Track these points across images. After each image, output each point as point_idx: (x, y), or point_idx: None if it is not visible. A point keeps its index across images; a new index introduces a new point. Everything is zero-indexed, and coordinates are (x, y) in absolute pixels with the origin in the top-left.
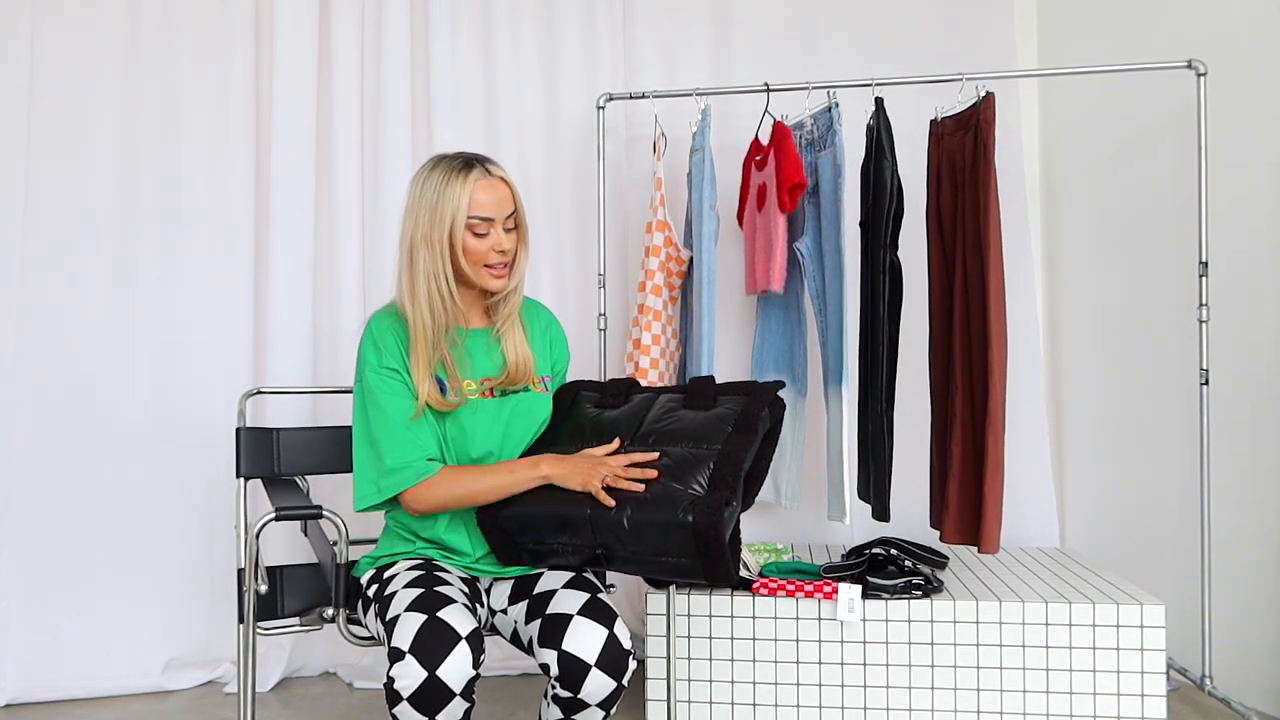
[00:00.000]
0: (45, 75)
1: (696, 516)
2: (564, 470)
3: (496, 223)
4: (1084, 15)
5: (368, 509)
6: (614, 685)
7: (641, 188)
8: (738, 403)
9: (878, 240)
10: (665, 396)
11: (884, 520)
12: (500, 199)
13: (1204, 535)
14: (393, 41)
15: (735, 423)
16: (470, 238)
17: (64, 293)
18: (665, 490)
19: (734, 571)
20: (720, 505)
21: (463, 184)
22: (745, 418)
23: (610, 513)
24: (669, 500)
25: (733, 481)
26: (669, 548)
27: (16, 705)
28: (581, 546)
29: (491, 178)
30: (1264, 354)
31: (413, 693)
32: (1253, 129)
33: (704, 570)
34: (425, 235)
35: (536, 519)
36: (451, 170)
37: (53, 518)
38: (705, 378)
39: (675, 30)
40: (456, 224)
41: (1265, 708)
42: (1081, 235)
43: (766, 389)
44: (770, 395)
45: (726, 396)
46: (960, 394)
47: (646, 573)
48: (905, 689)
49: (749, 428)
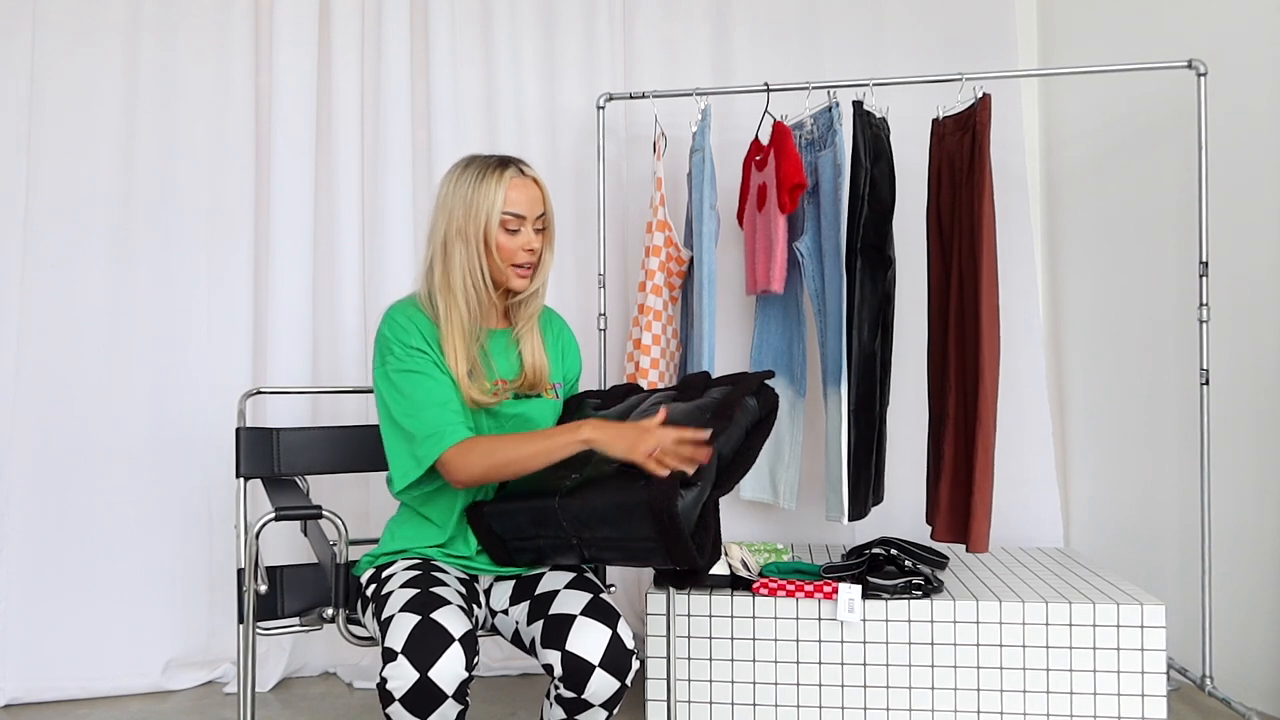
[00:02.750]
0: (45, 76)
1: (651, 493)
2: (608, 435)
3: (528, 221)
4: (1084, 15)
5: (408, 488)
6: (617, 685)
7: (641, 188)
8: (722, 391)
9: (851, 244)
10: (659, 393)
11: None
12: (532, 198)
13: (1204, 535)
14: (392, 41)
15: (713, 410)
16: (503, 234)
17: (64, 293)
18: (630, 474)
19: (696, 555)
20: (676, 480)
21: (498, 180)
22: (723, 405)
23: (574, 501)
24: (631, 480)
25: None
26: (634, 530)
27: (16, 705)
28: (557, 539)
29: (525, 177)
30: (1264, 354)
31: (405, 693)
32: (1253, 129)
33: (667, 553)
34: (460, 229)
35: (515, 514)
36: (487, 167)
37: (52, 518)
38: (700, 373)
39: (675, 30)
40: (491, 219)
41: (1265, 708)
42: (1081, 235)
43: (752, 377)
44: (755, 383)
45: (716, 387)
46: (954, 394)
47: (624, 559)
48: (905, 689)
49: (725, 414)
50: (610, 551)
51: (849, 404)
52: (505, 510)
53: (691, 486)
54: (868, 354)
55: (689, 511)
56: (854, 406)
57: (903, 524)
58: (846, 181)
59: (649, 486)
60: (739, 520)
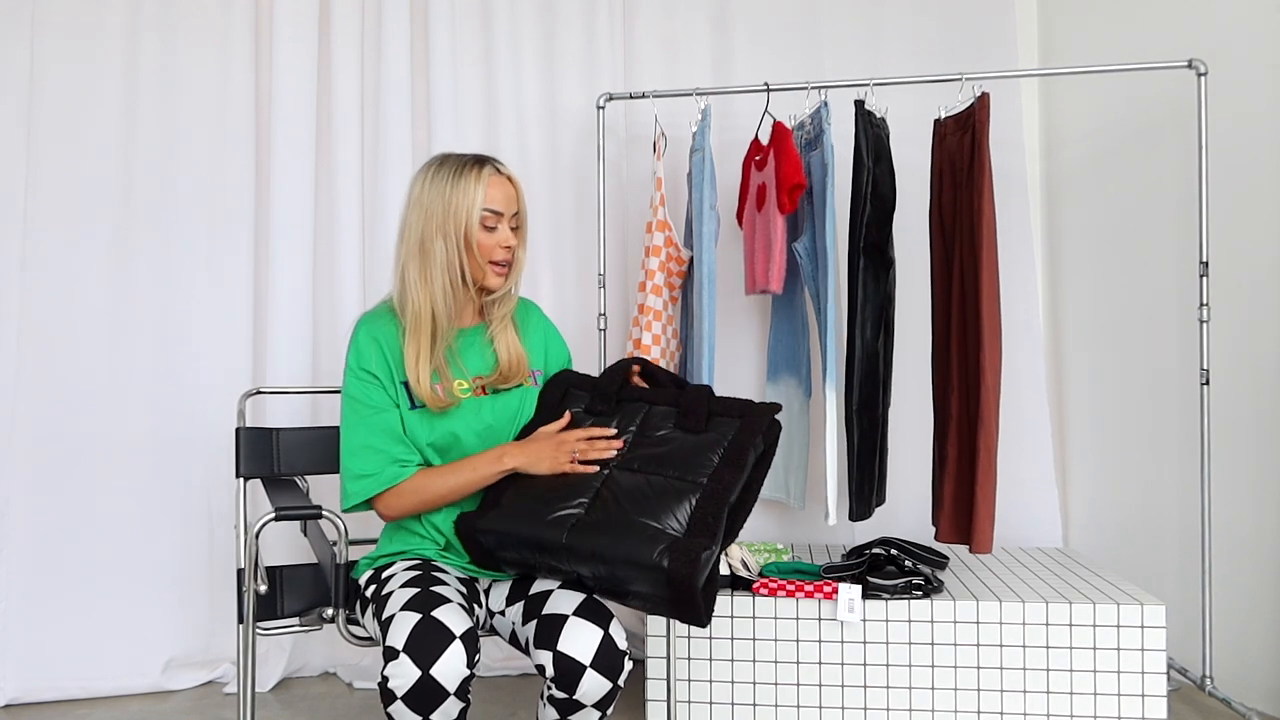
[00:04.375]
0: (45, 76)
1: (672, 562)
2: (529, 458)
3: (504, 219)
4: (1084, 15)
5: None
6: (609, 686)
7: (641, 188)
8: (730, 427)
9: (854, 244)
10: (656, 410)
11: (862, 519)
12: (509, 196)
13: (1204, 535)
14: (392, 41)
15: (724, 454)
16: (482, 231)
17: (64, 293)
18: (644, 526)
19: (705, 615)
20: (698, 552)
21: (477, 178)
22: (735, 449)
23: (584, 541)
24: (647, 539)
25: (714, 524)
26: (642, 585)
27: (16, 705)
28: (554, 568)
29: (501, 175)
30: (1264, 354)
31: (407, 691)
32: (1253, 129)
33: (673, 610)
34: (439, 227)
35: (511, 537)
36: (464, 165)
37: (52, 518)
38: (701, 389)
39: (675, 30)
40: (472, 216)
41: (1265, 708)
42: (1082, 235)
43: (761, 413)
44: (765, 421)
45: (721, 419)
46: (957, 394)
47: (617, 600)
48: (905, 689)
49: (738, 461)
50: (609, 593)
51: (837, 406)
52: (500, 531)
53: (708, 550)
54: (870, 354)
55: (704, 575)
56: (857, 407)
57: (905, 524)
58: (833, 181)
59: (671, 553)
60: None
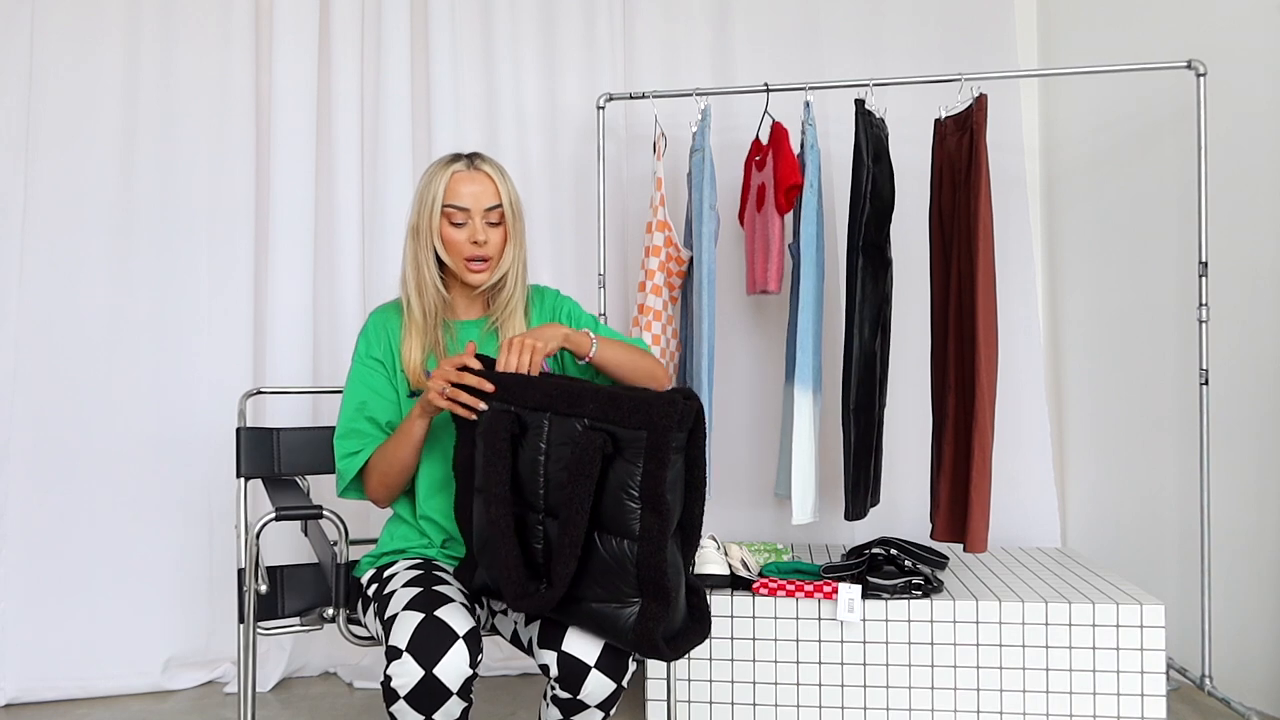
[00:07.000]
0: (45, 76)
1: (635, 640)
2: (422, 403)
3: (474, 214)
4: (1084, 15)
5: (344, 494)
6: (613, 686)
7: (641, 188)
8: (634, 454)
9: (853, 243)
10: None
11: (857, 519)
12: (479, 191)
13: (1204, 535)
14: (393, 41)
15: (641, 495)
16: (447, 226)
17: (64, 293)
18: (602, 612)
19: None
20: (655, 626)
21: (442, 174)
22: (649, 488)
23: (559, 619)
24: (611, 624)
25: (658, 581)
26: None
27: (16, 705)
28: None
29: (472, 170)
30: (1264, 354)
31: (409, 691)
32: (1252, 129)
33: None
34: (414, 224)
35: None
36: (440, 162)
37: (52, 518)
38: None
39: (675, 30)
40: (435, 212)
41: (1265, 708)
42: (1081, 235)
43: (661, 420)
44: (667, 430)
45: (625, 430)
46: (953, 393)
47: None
48: (905, 689)
49: (658, 505)
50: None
51: (812, 405)
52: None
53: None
54: (867, 353)
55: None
56: (853, 406)
57: (903, 524)
58: (817, 180)
59: (633, 632)
60: (739, 520)
